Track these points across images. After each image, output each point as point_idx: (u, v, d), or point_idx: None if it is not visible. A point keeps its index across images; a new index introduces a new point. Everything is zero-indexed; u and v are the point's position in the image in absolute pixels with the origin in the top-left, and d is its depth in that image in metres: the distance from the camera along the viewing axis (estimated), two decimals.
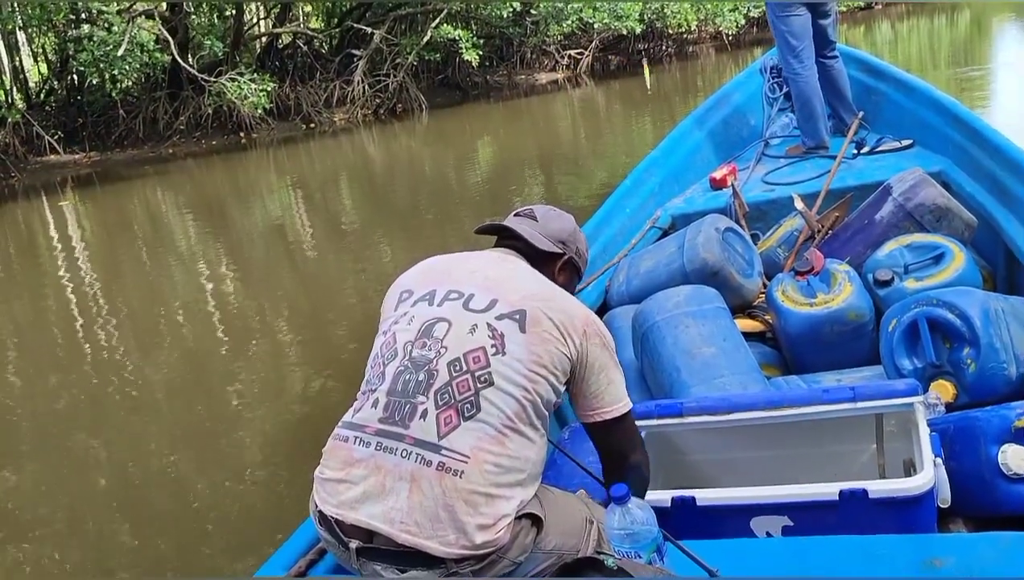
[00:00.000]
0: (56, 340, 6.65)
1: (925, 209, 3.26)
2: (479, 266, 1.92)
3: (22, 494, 4.24)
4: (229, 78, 16.82)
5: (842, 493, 1.85)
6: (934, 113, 4.37)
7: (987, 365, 2.39)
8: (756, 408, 2.17)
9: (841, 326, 2.95)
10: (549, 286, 1.89)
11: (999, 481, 1.98)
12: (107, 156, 17.04)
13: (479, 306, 1.79)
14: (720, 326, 2.88)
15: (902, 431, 2.16)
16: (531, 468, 1.72)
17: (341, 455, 1.73)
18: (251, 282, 7.83)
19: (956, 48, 18.29)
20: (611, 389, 1.82)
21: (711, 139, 5.16)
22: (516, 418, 1.70)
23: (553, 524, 1.74)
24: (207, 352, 6.02)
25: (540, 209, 2.11)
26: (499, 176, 11.73)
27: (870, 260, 3.15)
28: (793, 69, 4.77)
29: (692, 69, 23.05)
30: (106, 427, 4.91)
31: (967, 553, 1.64)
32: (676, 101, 17.32)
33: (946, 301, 2.50)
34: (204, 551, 3.54)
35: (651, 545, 1.64)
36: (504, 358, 1.72)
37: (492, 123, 18.02)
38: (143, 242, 10.19)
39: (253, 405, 4.97)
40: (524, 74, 23.08)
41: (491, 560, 1.63)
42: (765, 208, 4.21)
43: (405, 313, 1.85)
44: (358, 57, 19.30)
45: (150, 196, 13.51)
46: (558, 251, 2.04)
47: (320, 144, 16.91)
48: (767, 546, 1.85)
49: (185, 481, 4.16)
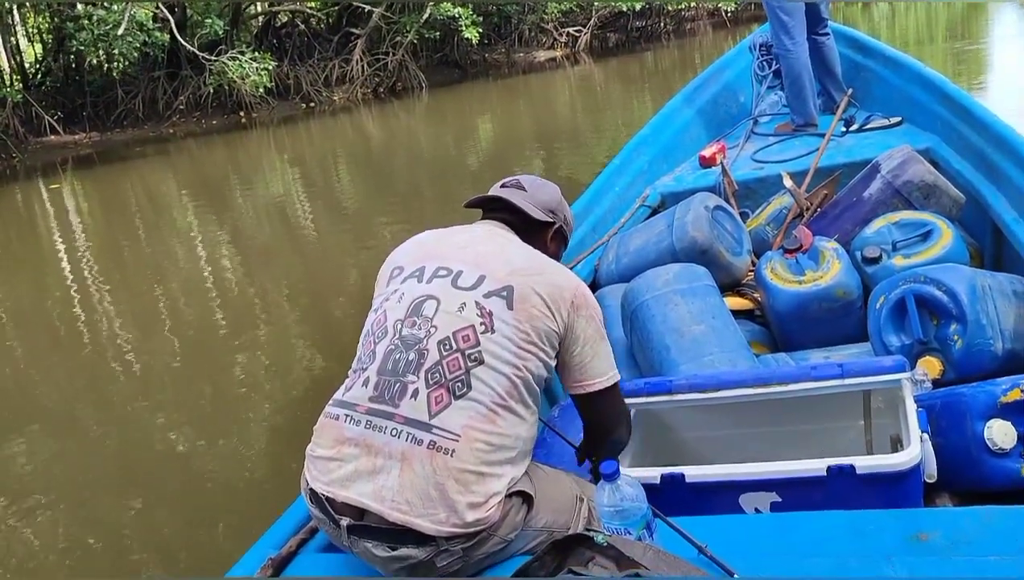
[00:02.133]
0: (57, 320, 6.67)
1: (913, 186, 3.25)
2: (468, 241, 1.92)
3: (31, 471, 4.28)
4: (230, 57, 16.78)
5: (830, 469, 1.85)
6: (923, 90, 4.36)
7: (974, 341, 2.39)
8: (745, 385, 2.17)
9: (829, 303, 2.95)
10: (538, 259, 1.89)
11: (985, 456, 1.99)
12: (107, 136, 17.00)
13: (467, 284, 1.79)
14: (709, 304, 2.88)
15: (889, 407, 2.17)
16: (521, 446, 1.73)
17: (332, 433, 1.74)
18: (252, 261, 7.85)
19: (953, 23, 18.20)
20: (596, 361, 1.82)
21: (700, 117, 5.14)
22: (507, 396, 1.70)
23: (543, 502, 1.75)
24: (208, 331, 6.05)
25: (526, 179, 2.12)
26: (500, 153, 11.73)
27: (858, 238, 3.15)
28: (784, 46, 4.75)
29: (690, 46, 22.95)
30: (111, 406, 4.94)
31: (953, 527, 1.64)
32: (676, 78, 17.23)
33: (933, 278, 2.49)
34: (212, 527, 3.58)
35: (641, 522, 1.65)
36: (493, 336, 1.72)
37: (491, 101, 17.98)
38: (144, 222, 10.20)
39: (257, 383, 5.00)
40: (522, 52, 22.98)
41: (481, 538, 1.64)
42: (754, 186, 4.21)
43: (395, 290, 1.85)
44: (356, 36, 19.22)
45: (151, 176, 13.49)
46: (549, 220, 2.04)
47: (320, 123, 16.88)
48: (756, 522, 1.85)
49: (191, 458, 4.20)
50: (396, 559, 1.65)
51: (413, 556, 1.64)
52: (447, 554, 1.64)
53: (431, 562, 1.64)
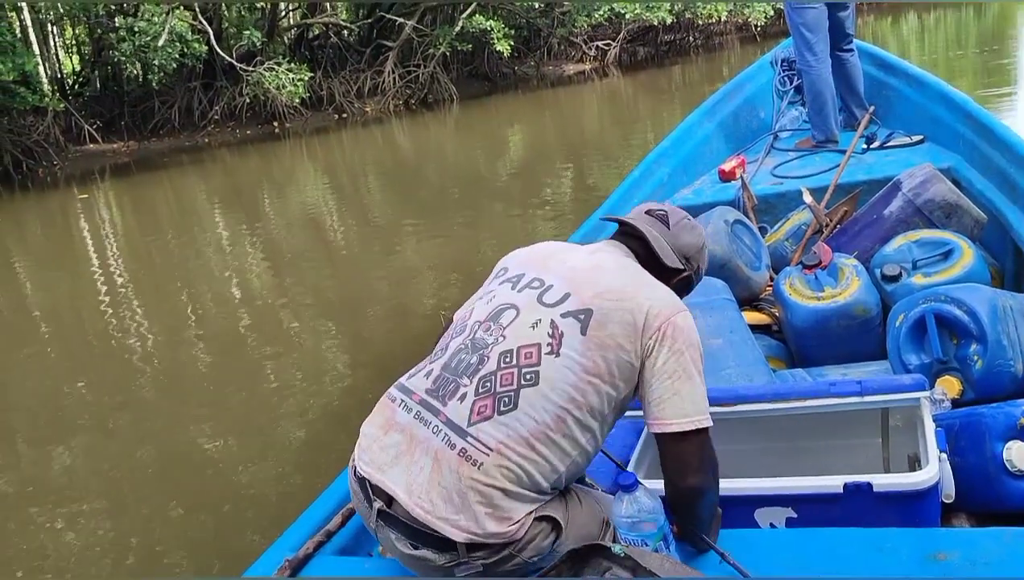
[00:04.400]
0: (93, 326, 6.78)
1: (935, 205, 3.26)
2: (576, 257, 1.84)
3: (70, 475, 4.36)
4: (267, 68, 16.97)
5: (846, 486, 1.84)
6: (945, 109, 4.34)
7: (994, 362, 2.38)
8: (762, 400, 2.16)
9: (848, 320, 2.95)
10: (640, 279, 1.78)
11: (1003, 477, 1.99)
12: (145, 145, 17.26)
13: (551, 300, 1.73)
14: (727, 318, 2.88)
15: (907, 426, 2.16)
16: (556, 480, 1.66)
17: (385, 413, 1.75)
18: (284, 268, 7.91)
19: (984, 38, 18.00)
20: (676, 400, 1.65)
21: (721, 131, 5.14)
22: (553, 426, 1.63)
23: (572, 527, 1.69)
24: (240, 337, 6.12)
25: (675, 215, 1.96)
26: (530, 166, 11.74)
27: (878, 255, 3.14)
28: (807, 62, 4.75)
29: (719, 60, 22.87)
30: (147, 410, 5.01)
31: (971, 548, 1.62)
32: (705, 91, 17.16)
33: (954, 297, 2.49)
34: (244, 531, 3.62)
35: (658, 534, 1.65)
36: (556, 360, 1.66)
37: (522, 113, 17.98)
38: (178, 229, 10.30)
39: (288, 390, 5.04)
40: (551, 65, 22.99)
41: (504, 556, 1.62)
42: (774, 201, 4.21)
43: (491, 290, 1.84)
44: (388, 48, 19.35)
45: (186, 185, 13.68)
46: (680, 267, 1.91)
47: (352, 134, 17.02)
48: (771, 537, 1.83)
49: (225, 462, 4.25)
50: (417, 559, 1.66)
51: (433, 560, 1.63)
52: (467, 566, 1.62)
53: (450, 570, 1.63)
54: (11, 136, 15.20)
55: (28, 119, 15.66)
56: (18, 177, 14.97)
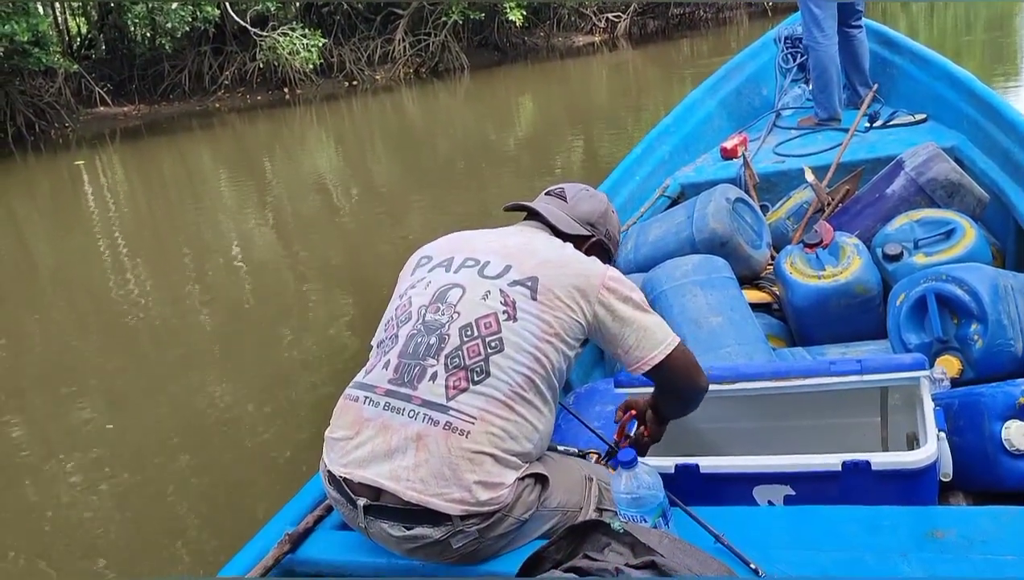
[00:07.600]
0: (100, 288, 6.85)
1: (937, 184, 3.24)
2: (499, 236, 1.96)
3: (90, 435, 4.42)
4: (281, 33, 16.88)
5: (845, 464, 1.84)
6: (949, 88, 4.31)
7: (994, 342, 2.39)
8: (762, 378, 2.15)
9: (848, 299, 2.94)
10: (567, 251, 1.90)
11: (1001, 457, 1.99)
12: (154, 109, 17.25)
13: (493, 272, 1.81)
14: (727, 296, 2.88)
15: (907, 405, 2.16)
16: (537, 439, 1.75)
17: (351, 415, 1.78)
18: (294, 234, 7.96)
19: (993, 19, 17.76)
20: (647, 334, 1.80)
21: (723, 108, 5.12)
22: (525, 386, 1.72)
23: (556, 482, 1.77)
24: (249, 302, 6.19)
25: (571, 189, 2.11)
26: (539, 136, 11.73)
27: (880, 234, 3.13)
28: (814, 38, 4.70)
29: (728, 34, 22.67)
30: (161, 379, 5.02)
31: (969, 526, 1.63)
32: (715, 65, 17.02)
33: (955, 277, 2.49)
34: (254, 495, 3.66)
35: (657, 510, 1.66)
36: (515, 325, 1.74)
37: (532, 84, 17.93)
38: (188, 193, 10.38)
39: (296, 355, 5.08)
40: (561, 36, 22.85)
41: (496, 518, 1.67)
42: (775, 179, 4.20)
43: (422, 278, 1.88)
44: (399, 15, 19.23)
45: (195, 149, 13.76)
46: (585, 233, 2.04)
47: (362, 102, 17.01)
48: (769, 514, 1.84)
49: (239, 431, 4.27)
50: (411, 539, 1.68)
51: (429, 536, 1.66)
52: (462, 534, 1.66)
53: (446, 542, 1.66)
54: (23, 97, 15.24)
55: (38, 80, 15.66)
56: (31, 138, 15.03)
